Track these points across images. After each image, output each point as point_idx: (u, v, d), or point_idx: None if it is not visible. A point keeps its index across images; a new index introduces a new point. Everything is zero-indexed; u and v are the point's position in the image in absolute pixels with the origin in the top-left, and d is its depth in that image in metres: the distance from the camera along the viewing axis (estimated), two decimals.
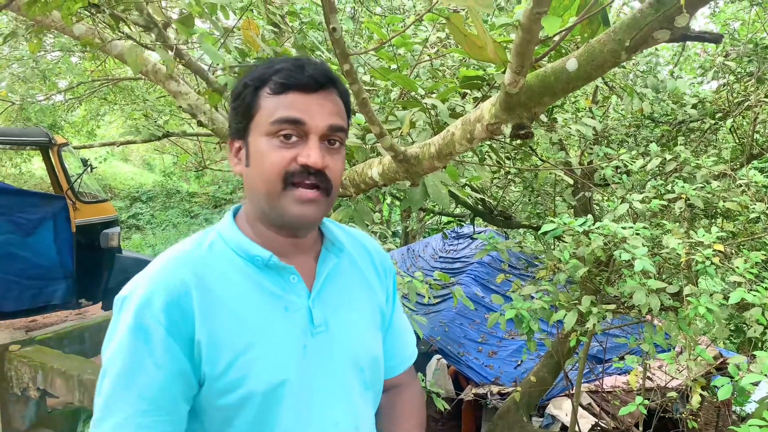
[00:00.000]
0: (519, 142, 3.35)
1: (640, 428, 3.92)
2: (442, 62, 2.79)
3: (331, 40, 1.39)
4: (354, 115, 2.17)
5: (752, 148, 3.93)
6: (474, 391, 4.61)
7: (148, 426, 0.83)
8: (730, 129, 4.06)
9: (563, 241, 2.71)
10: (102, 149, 12.34)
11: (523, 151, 3.71)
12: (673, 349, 2.66)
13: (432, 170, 1.74)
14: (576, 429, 3.50)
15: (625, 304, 2.78)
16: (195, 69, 2.32)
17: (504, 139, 2.95)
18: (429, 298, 3.30)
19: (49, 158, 5.53)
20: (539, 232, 2.80)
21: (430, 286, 3.29)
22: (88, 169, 5.44)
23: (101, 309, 5.78)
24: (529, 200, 5.00)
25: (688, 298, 2.17)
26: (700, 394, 2.43)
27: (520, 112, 1.30)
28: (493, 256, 5.70)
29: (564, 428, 4.13)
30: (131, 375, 0.83)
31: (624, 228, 2.34)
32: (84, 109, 9.61)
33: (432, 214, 6.30)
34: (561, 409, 4.26)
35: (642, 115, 3.85)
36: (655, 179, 3.05)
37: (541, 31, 1.09)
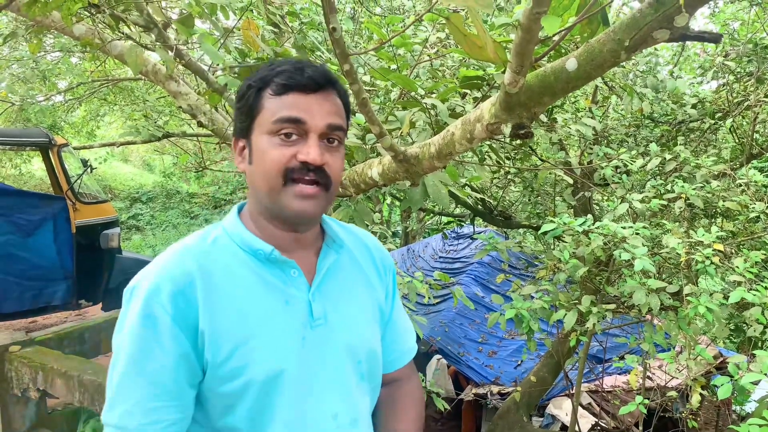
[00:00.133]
0: (519, 142, 3.35)
1: (640, 428, 3.92)
2: (442, 62, 2.79)
3: (331, 41, 1.40)
4: (354, 115, 2.17)
5: (752, 147, 3.93)
6: (474, 391, 4.61)
7: (157, 410, 0.87)
8: (729, 129, 4.06)
9: (563, 241, 2.72)
10: (102, 150, 12.34)
11: (522, 151, 3.71)
12: (673, 348, 2.66)
13: (432, 170, 1.74)
14: (576, 429, 3.50)
15: (625, 304, 2.79)
16: (195, 69, 2.32)
17: (504, 139, 2.95)
18: (429, 298, 3.30)
19: (49, 159, 5.53)
20: (539, 232, 2.80)
21: (430, 286, 3.29)
22: (88, 169, 5.43)
23: (101, 310, 5.77)
24: (529, 200, 5.00)
25: (688, 297, 2.17)
26: (700, 393, 2.43)
27: (520, 112, 1.30)
28: (493, 256, 5.70)
29: (564, 428, 4.13)
30: (140, 362, 0.87)
31: (624, 228, 2.34)
32: (84, 109, 9.62)
33: (432, 215, 6.30)
34: (561, 408, 4.26)
35: (642, 115, 3.85)
36: (655, 179, 3.05)
37: (541, 31, 1.09)
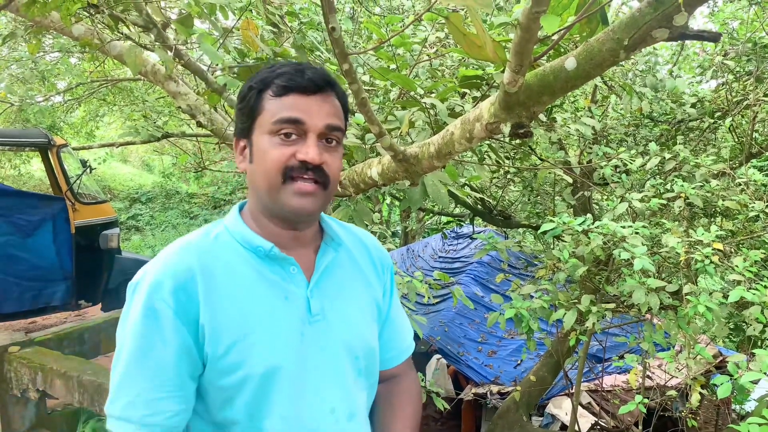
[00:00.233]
0: (518, 141, 3.35)
1: (640, 427, 3.92)
2: (441, 62, 2.79)
3: (330, 40, 1.39)
4: (353, 114, 2.17)
5: (751, 146, 3.93)
6: (474, 390, 4.61)
7: (160, 401, 0.90)
8: (729, 128, 4.06)
9: (562, 241, 2.72)
10: (101, 150, 12.33)
11: (522, 150, 3.71)
12: (673, 347, 2.66)
13: (431, 170, 1.74)
14: (576, 428, 3.50)
15: (625, 303, 2.78)
16: (194, 69, 2.32)
17: (503, 139, 2.95)
18: (429, 297, 3.30)
19: (48, 159, 5.53)
20: (538, 231, 2.80)
21: (429, 285, 3.29)
22: (88, 170, 5.44)
23: (101, 310, 5.77)
24: (529, 200, 4.99)
25: (688, 296, 2.17)
26: (700, 392, 2.43)
27: (519, 112, 1.30)
28: (493, 255, 5.70)
29: (564, 427, 4.14)
30: (143, 354, 0.90)
31: (623, 227, 2.34)
32: (83, 110, 9.61)
33: (431, 214, 6.30)
34: (561, 408, 4.26)
35: (641, 115, 3.85)
36: (655, 178, 3.05)
37: (540, 30, 1.09)
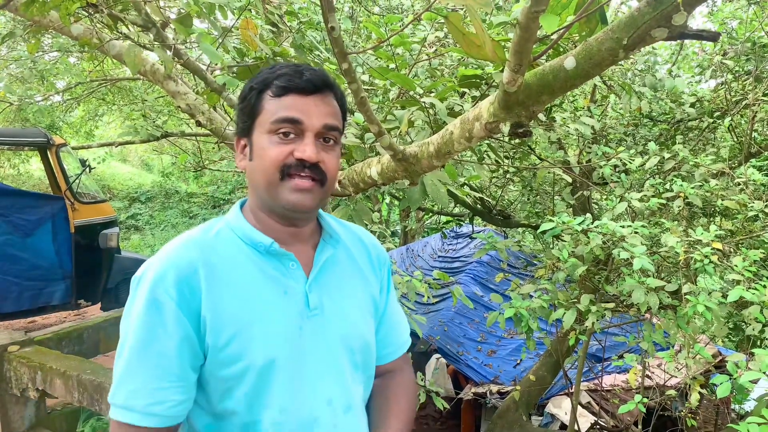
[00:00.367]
0: (517, 141, 3.35)
1: (639, 426, 3.93)
2: (441, 61, 2.79)
3: (329, 40, 1.39)
4: (353, 114, 2.17)
5: (750, 146, 3.93)
6: (473, 390, 4.61)
7: (162, 391, 0.92)
8: (728, 127, 4.07)
9: (562, 240, 2.72)
10: (100, 150, 12.32)
11: (521, 150, 3.71)
12: (672, 347, 2.66)
13: (431, 169, 1.74)
14: (575, 428, 3.51)
15: (624, 303, 2.79)
16: (193, 69, 2.32)
17: (502, 138, 2.95)
18: (428, 297, 3.30)
19: (47, 159, 5.53)
20: (538, 231, 2.80)
21: (429, 285, 3.29)
22: (87, 169, 5.43)
23: (100, 309, 5.77)
24: (528, 199, 4.99)
25: (687, 296, 2.17)
26: (699, 392, 2.43)
27: (519, 111, 1.30)
28: (492, 255, 5.69)
29: (563, 427, 4.14)
30: (146, 345, 0.92)
31: (623, 227, 2.34)
32: (82, 109, 9.61)
33: (431, 214, 6.29)
34: (560, 407, 4.26)
35: (640, 114, 3.85)
36: (654, 178, 3.05)
37: (539, 30, 1.09)
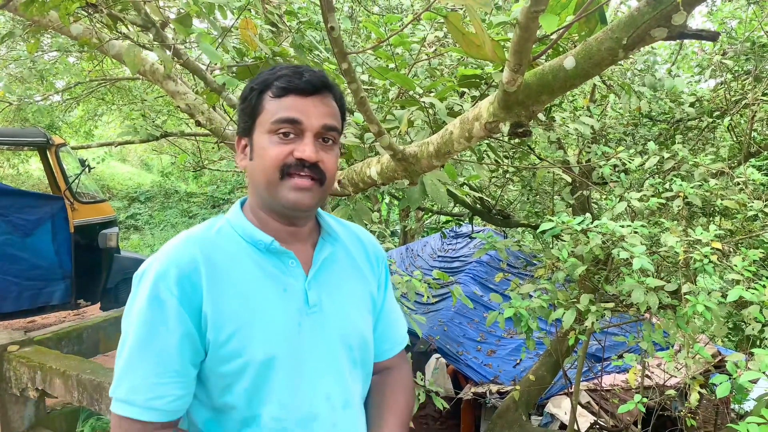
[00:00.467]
0: (517, 140, 3.35)
1: (639, 426, 3.93)
2: (440, 61, 2.79)
3: (329, 40, 1.39)
4: (353, 114, 2.17)
5: (750, 146, 3.93)
6: (473, 390, 4.61)
7: (162, 386, 0.94)
8: (727, 127, 4.06)
9: (562, 240, 2.72)
10: (100, 150, 12.30)
11: (521, 149, 3.71)
12: (672, 347, 2.66)
13: (430, 169, 1.74)
14: (575, 427, 3.51)
15: (624, 303, 2.79)
16: (193, 69, 2.32)
17: (502, 138, 2.95)
18: (428, 297, 3.30)
19: (46, 159, 5.52)
20: (538, 230, 2.80)
21: (428, 285, 3.29)
22: (86, 169, 5.43)
23: (100, 309, 5.77)
24: (528, 199, 4.99)
25: (687, 296, 2.17)
26: (699, 392, 2.43)
27: (518, 111, 1.30)
28: (492, 255, 5.69)
29: (563, 427, 4.14)
30: (147, 341, 0.94)
31: (622, 226, 2.34)
32: (82, 109, 9.59)
33: (430, 213, 6.29)
34: (560, 407, 4.26)
35: (640, 114, 3.85)
36: (653, 177, 3.05)
37: (539, 30, 1.09)
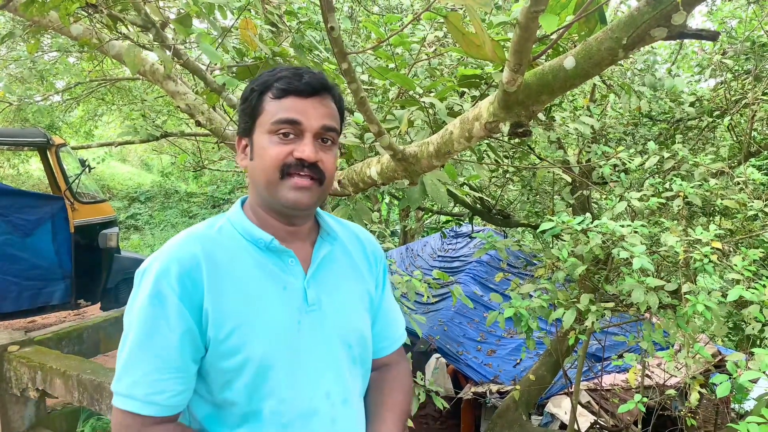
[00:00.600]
0: (517, 140, 3.35)
1: (639, 426, 3.93)
2: (440, 61, 2.79)
3: (329, 40, 1.39)
4: (353, 114, 2.17)
5: (750, 145, 3.93)
6: (473, 389, 4.61)
7: (163, 381, 0.95)
8: (727, 127, 4.06)
9: (562, 240, 2.72)
10: (100, 150, 12.30)
11: (521, 149, 3.71)
12: (672, 346, 2.66)
13: (430, 169, 1.74)
14: (575, 427, 3.51)
15: (624, 302, 2.79)
16: (193, 69, 2.32)
17: (502, 138, 2.95)
18: (428, 297, 3.31)
19: (47, 159, 5.52)
20: (538, 230, 2.80)
21: (428, 285, 3.29)
22: (86, 169, 5.43)
23: (100, 309, 5.77)
24: (528, 199, 5.00)
25: (687, 295, 2.17)
26: (699, 391, 2.43)
27: (518, 111, 1.30)
28: (492, 254, 5.69)
29: (563, 426, 4.14)
30: (149, 337, 0.95)
31: (622, 226, 2.34)
32: (82, 109, 9.59)
33: (430, 213, 6.29)
34: (560, 407, 4.26)
35: (640, 114, 3.85)
36: (653, 177, 3.05)
37: (539, 30, 1.09)
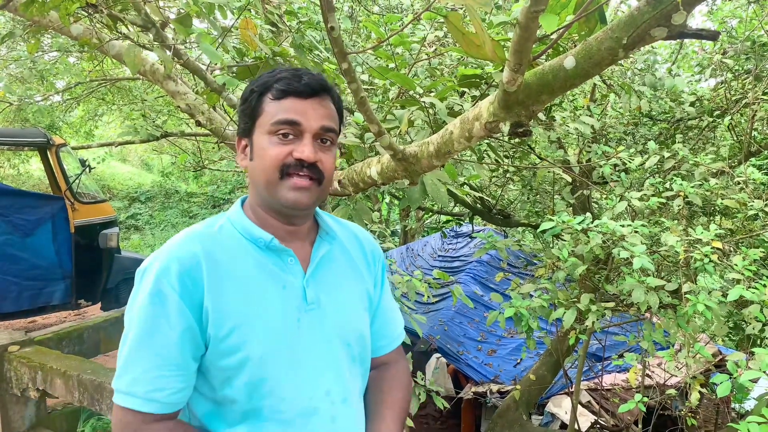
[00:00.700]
0: (517, 140, 3.35)
1: (640, 426, 3.93)
2: (440, 61, 2.79)
3: (329, 39, 1.40)
4: (353, 114, 2.17)
5: (750, 145, 3.93)
6: (473, 389, 4.61)
7: (163, 378, 0.96)
8: (728, 126, 4.06)
9: (562, 240, 2.72)
10: (100, 150, 12.30)
11: (521, 149, 3.71)
12: (672, 346, 2.66)
13: (430, 169, 1.74)
14: (575, 427, 3.51)
15: (624, 302, 2.79)
16: (193, 69, 2.32)
17: (502, 138, 2.95)
18: (428, 296, 3.31)
19: (47, 159, 5.52)
20: (538, 230, 2.80)
21: (429, 284, 3.29)
22: (87, 169, 5.43)
23: (100, 309, 5.77)
24: (528, 199, 5.00)
25: (687, 295, 2.18)
26: (699, 391, 2.44)
27: (519, 111, 1.30)
28: (492, 254, 5.69)
29: (563, 426, 4.14)
30: (149, 334, 0.96)
31: (622, 226, 2.34)
32: (82, 109, 9.60)
33: (431, 213, 6.30)
34: (560, 407, 4.26)
35: (640, 113, 3.85)
36: (654, 177, 3.05)
37: (539, 29, 1.09)
